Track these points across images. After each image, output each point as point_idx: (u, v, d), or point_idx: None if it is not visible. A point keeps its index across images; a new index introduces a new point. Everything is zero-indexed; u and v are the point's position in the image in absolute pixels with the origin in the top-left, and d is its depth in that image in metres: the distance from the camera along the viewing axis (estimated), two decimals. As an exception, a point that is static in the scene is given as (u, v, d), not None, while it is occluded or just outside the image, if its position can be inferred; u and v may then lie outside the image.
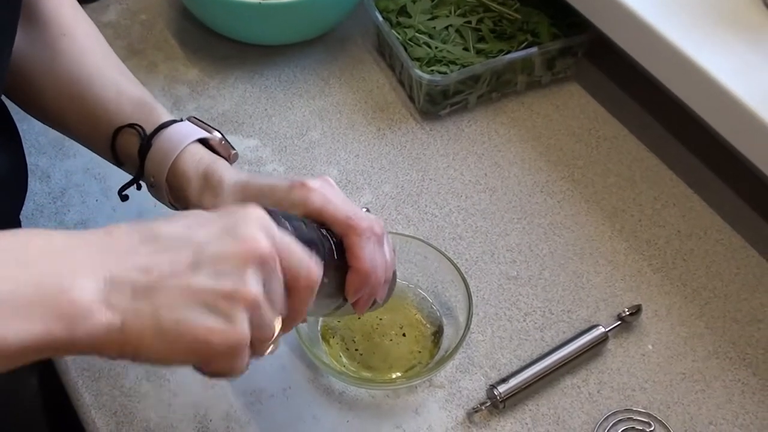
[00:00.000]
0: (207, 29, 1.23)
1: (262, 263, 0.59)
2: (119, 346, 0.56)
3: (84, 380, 0.89)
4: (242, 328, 0.58)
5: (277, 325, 0.63)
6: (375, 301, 0.78)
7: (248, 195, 0.76)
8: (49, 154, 1.08)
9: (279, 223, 0.64)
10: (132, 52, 1.22)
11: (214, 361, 0.59)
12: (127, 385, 0.88)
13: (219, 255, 0.58)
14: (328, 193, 0.74)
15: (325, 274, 0.67)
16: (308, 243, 0.67)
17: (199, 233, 0.59)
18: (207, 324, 0.57)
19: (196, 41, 1.24)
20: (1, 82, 0.78)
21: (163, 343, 0.56)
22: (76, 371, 0.89)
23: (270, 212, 0.65)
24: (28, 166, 0.92)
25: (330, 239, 0.73)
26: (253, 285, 0.58)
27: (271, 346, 0.64)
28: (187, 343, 0.57)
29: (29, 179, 0.94)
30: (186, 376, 0.89)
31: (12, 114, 0.88)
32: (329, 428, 0.86)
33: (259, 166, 1.08)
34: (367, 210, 0.80)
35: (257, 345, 0.62)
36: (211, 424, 0.86)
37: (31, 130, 1.07)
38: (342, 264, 0.74)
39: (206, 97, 1.17)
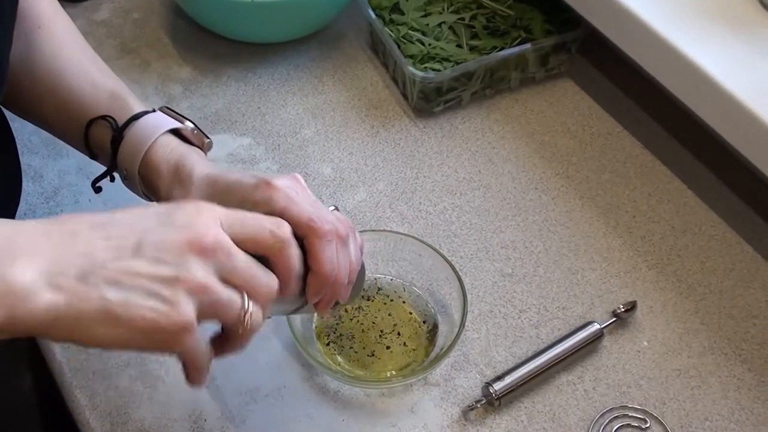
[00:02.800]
0: (200, 27, 1.23)
1: (206, 251, 0.61)
2: (66, 329, 0.57)
3: (78, 381, 0.88)
4: (184, 310, 0.59)
5: (250, 302, 0.64)
6: (337, 302, 0.78)
7: (216, 190, 0.76)
8: (42, 153, 1.08)
9: None
10: (125, 50, 1.22)
11: (164, 345, 0.60)
12: (122, 385, 0.88)
13: (160, 242, 0.60)
14: (293, 194, 0.73)
15: None
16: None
17: (144, 222, 0.61)
18: (150, 306, 0.58)
19: (189, 39, 1.24)
20: (2, 83, 0.78)
21: (111, 325, 0.58)
22: (71, 372, 0.89)
23: None
24: (21, 166, 0.92)
25: None
26: (194, 271, 0.60)
27: (252, 321, 0.64)
28: (135, 324, 0.58)
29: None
30: (180, 376, 0.89)
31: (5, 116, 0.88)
32: (324, 427, 0.86)
33: (253, 164, 1.08)
34: (336, 208, 0.79)
35: (232, 325, 0.64)
36: (206, 424, 0.86)
37: (23, 129, 1.07)
38: (303, 266, 0.73)
39: (199, 95, 1.16)
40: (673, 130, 1.13)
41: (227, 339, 0.65)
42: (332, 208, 0.78)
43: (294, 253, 0.67)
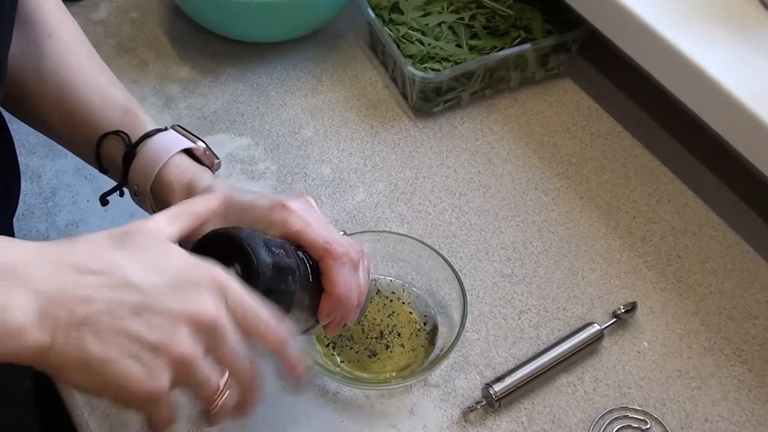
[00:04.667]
0: (198, 27, 1.22)
1: (201, 326, 0.60)
2: (50, 367, 0.57)
3: (76, 382, 0.88)
4: (160, 381, 0.59)
5: (227, 387, 0.64)
6: (345, 324, 0.79)
7: (230, 211, 0.76)
8: (40, 154, 1.08)
9: (255, 251, 0.67)
10: (123, 50, 1.21)
11: (132, 405, 0.60)
12: (120, 386, 0.88)
13: (160, 309, 0.59)
14: (307, 216, 0.75)
15: (299, 297, 0.70)
16: (285, 268, 0.69)
17: (151, 279, 0.60)
18: (128, 369, 0.58)
19: (188, 39, 1.23)
20: (1, 82, 0.77)
21: (85, 374, 0.58)
22: (69, 373, 0.89)
23: (250, 236, 0.68)
24: (19, 167, 0.92)
25: (306, 262, 0.73)
26: (182, 344, 0.59)
27: (222, 405, 0.65)
28: (107, 381, 0.58)
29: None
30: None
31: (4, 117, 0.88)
32: (324, 429, 0.86)
33: (252, 164, 1.08)
34: (344, 233, 0.80)
35: (201, 400, 0.64)
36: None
37: (20, 130, 1.06)
38: (317, 287, 0.74)
39: (198, 95, 1.16)
40: (673, 130, 1.13)
41: (203, 413, 0.66)
42: (342, 232, 0.79)
43: (289, 354, 0.67)
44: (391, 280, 0.95)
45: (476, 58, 1.12)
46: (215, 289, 0.62)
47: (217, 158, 0.84)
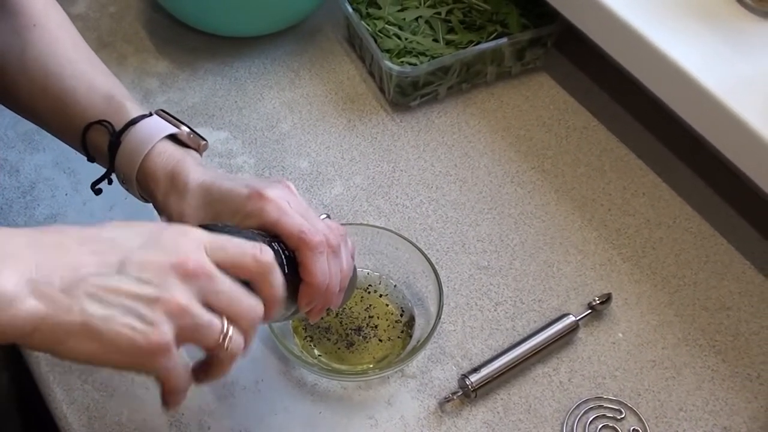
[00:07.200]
0: (177, 21, 1.23)
1: (188, 274, 0.61)
2: (45, 339, 0.57)
3: (55, 375, 0.88)
4: (162, 332, 0.59)
5: (230, 327, 0.63)
6: (329, 308, 0.79)
7: (210, 199, 0.76)
8: (18, 148, 1.08)
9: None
10: (101, 44, 1.21)
11: (138, 364, 0.60)
12: (99, 379, 0.88)
13: (144, 263, 0.60)
14: (284, 205, 0.74)
15: None
16: None
17: (130, 241, 0.61)
18: (129, 324, 0.58)
19: (166, 33, 1.23)
20: None
21: (89, 339, 0.58)
22: (47, 366, 0.89)
23: (220, 229, 0.68)
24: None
25: (282, 253, 0.73)
26: (175, 293, 0.60)
27: (232, 346, 0.64)
28: (110, 340, 0.58)
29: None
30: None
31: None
32: (302, 420, 0.86)
33: (230, 158, 1.08)
34: (327, 216, 0.80)
35: (211, 350, 0.64)
36: (183, 418, 0.86)
37: (-1, 124, 1.07)
38: (295, 276, 0.74)
39: (176, 89, 1.16)
40: (648, 123, 1.14)
41: (209, 365, 0.66)
42: (324, 216, 0.79)
43: (277, 279, 0.67)
44: (368, 273, 0.96)
45: (453, 52, 1.12)
46: (192, 240, 0.63)
47: (204, 140, 0.84)
